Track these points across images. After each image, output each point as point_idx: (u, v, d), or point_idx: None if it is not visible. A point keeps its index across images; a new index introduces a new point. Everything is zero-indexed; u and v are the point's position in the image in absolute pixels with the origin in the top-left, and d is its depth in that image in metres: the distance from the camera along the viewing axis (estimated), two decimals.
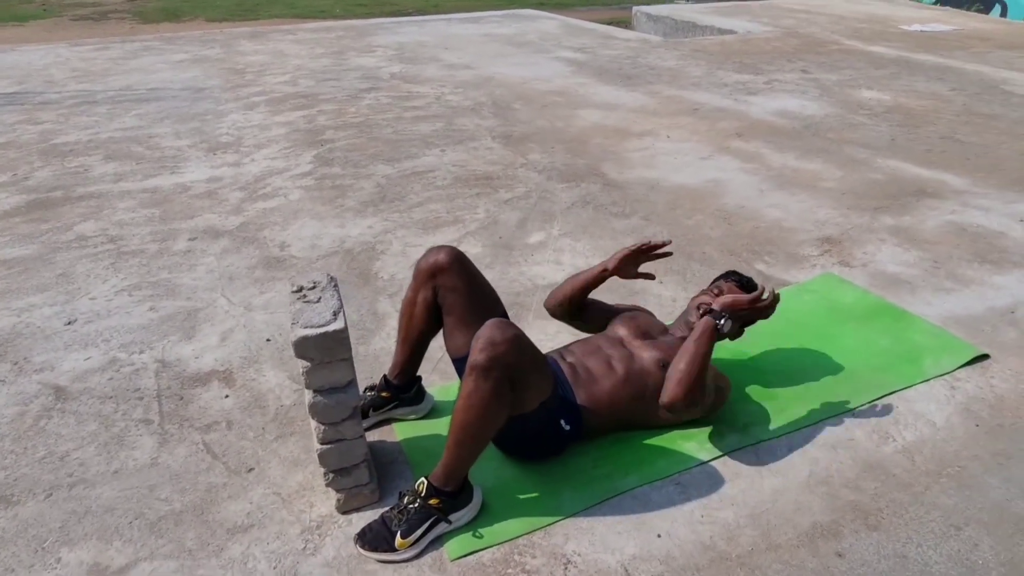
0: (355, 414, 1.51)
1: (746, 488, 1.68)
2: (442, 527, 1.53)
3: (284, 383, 2.08)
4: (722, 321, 1.76)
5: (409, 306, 1.80)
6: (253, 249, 2.94)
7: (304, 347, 1.37)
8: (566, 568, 1.48)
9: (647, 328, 1.95)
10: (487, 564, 1.50)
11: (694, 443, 1.80)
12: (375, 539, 1.50)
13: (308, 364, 1.40)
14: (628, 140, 4.24)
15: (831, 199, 3.33)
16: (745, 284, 2.00)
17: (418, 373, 1.90)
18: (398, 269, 2.75)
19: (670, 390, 1.68)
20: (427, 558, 1.51)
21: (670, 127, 4.47)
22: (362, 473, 1.59)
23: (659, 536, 1.55)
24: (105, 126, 4.68)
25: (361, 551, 1.50)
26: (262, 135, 4.44)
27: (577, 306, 1.99)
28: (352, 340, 2.26)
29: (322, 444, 1.51)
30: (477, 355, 1.43)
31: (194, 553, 1.53)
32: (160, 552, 1.53)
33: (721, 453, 1.77)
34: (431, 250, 1.78)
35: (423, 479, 1.53)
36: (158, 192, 3.56)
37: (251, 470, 1.76)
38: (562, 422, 1.69)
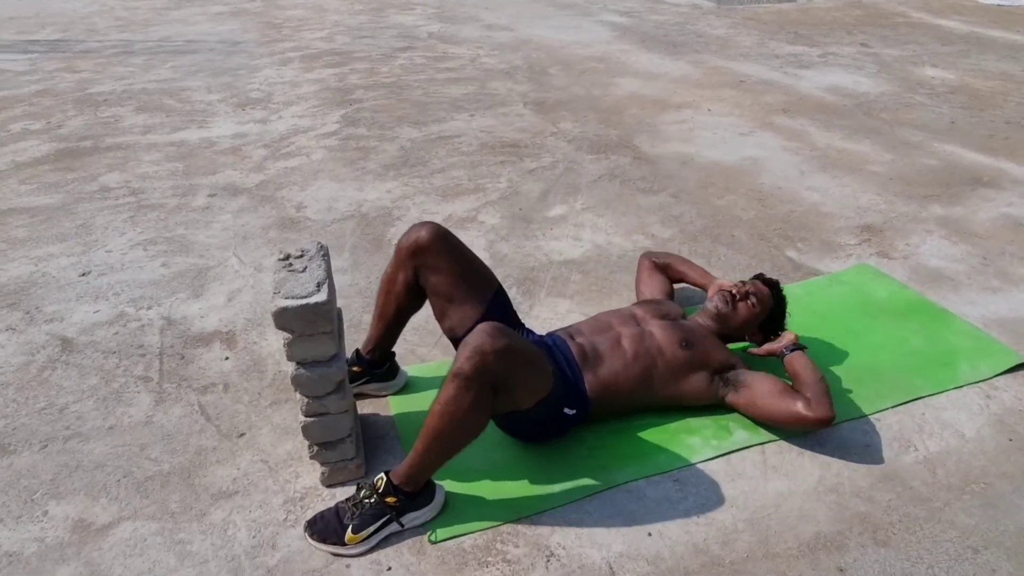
0: (340, 388, 1.47)
1: (748, 490, 1.58)
2: (393, 527, 1.45)
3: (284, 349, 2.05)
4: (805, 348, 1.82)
5: (388, 283, 1.73)
6: (270, 209, 2.91)
7: (284, 318, 1.32)
8: (548, 561, 1.43)
9: (667, 310, 1.89)
10: (467, 550, 1.45)
11: (698, 438, 1.71)
12: (325, 530, 1.43)
13: (289, 336, 1.35)
14: (666, 112, 4.05)
15: (877, 184, 3.12)
16: (773, 286, 1.98)
17: (392, 349, 1.84)
18: None
19: (825, 407, 1.63)
20: (407, 541, 1.47)
21: (712, 99, 4.25)
22: (347, 448, 1.55)
23: (650, 535, 1.48)
24: (140, 77, 4.70)
25: (309, 540, 1.44)
26: (292, 92, 4.39)
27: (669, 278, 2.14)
28: (358, 308, 2.24)
29: (306, 417, 1.47)
30: (463, 363, 1.34)
31: (176, 516, 1.52)
32: (143, 512, 1.53)
33: (726, 451, 1.68)
34: (413, 227, 1.69)
35: (383, 474, 1.46)
36: (184, 146, 3.56)
37: (242, 435, 1.74)
38: (566, 410, 1.62)
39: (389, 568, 1.41)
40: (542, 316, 2.21)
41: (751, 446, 1.70)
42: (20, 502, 1.56)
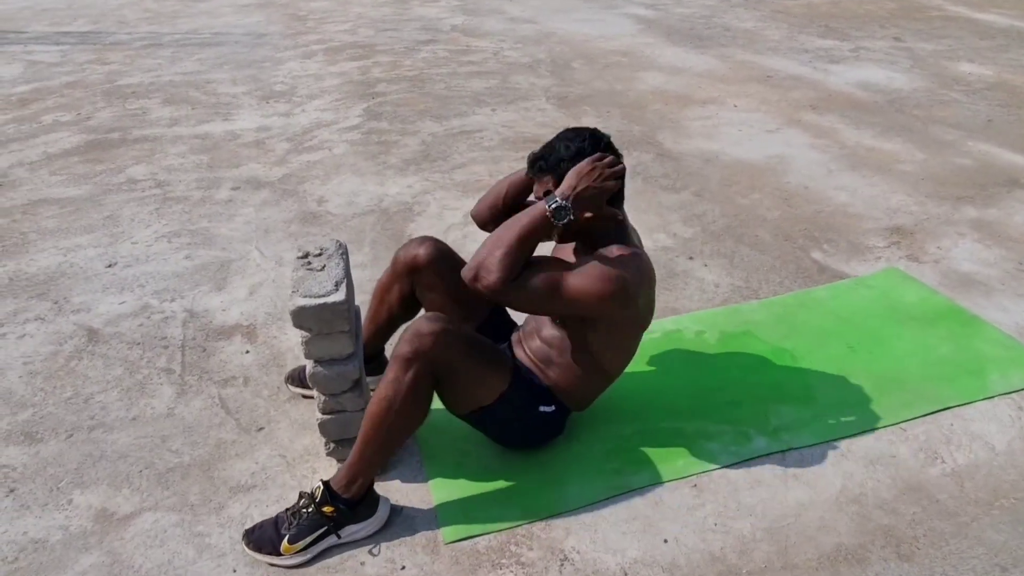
0: (356, 387, 1.47)
1: (768, 499, 1.56)
2: (331, 540, 1.42)
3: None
4: (552, 205, 1.36)
5: (382, 291, 1.71)
6: (292, 202, 2.93)
7: (301, 317, 1.33)
8: (562, 565, 1.42)
9: None
10: (482, 551, 1.45)
11: (717, 444, 1.69)
12: (260, 539, 1.41)
13: (307, 334, 1.35)
14: (690, 107, 3.99)
15: (908, 184, 3.04)
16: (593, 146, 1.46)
17: (383, 346, 1.83)
18: (432, 232, 2.68)
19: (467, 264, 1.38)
20: (420, 539, 1.47)
21: (737, 95, 4.18)
22: None
23: (665, 541, 1.47)
24: (167, 69, 4.75)
25: (245, 549, 1.42)
26: (316, 85, 4.41)
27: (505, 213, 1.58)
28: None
29: (323, 414, 1.48)
30: (401, 345, 1.35)
31: (196, 508, 1.54)
32: (164, 504, 1.56)
33: (745, 458, 1.65)
34: (411, 242, 1.67)
35: (320, 482, 1.43)
36: (208, 139, 3.59)
37: (261, 429, 1.76)
38: (542, 408, 1.57)
39: (403, 567, 1.41)
40: None
41: (771, 453, 1.67)
42: (46, 490, 1.59)
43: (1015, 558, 1.42)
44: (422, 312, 1.40)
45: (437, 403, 1.82)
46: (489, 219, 1.64)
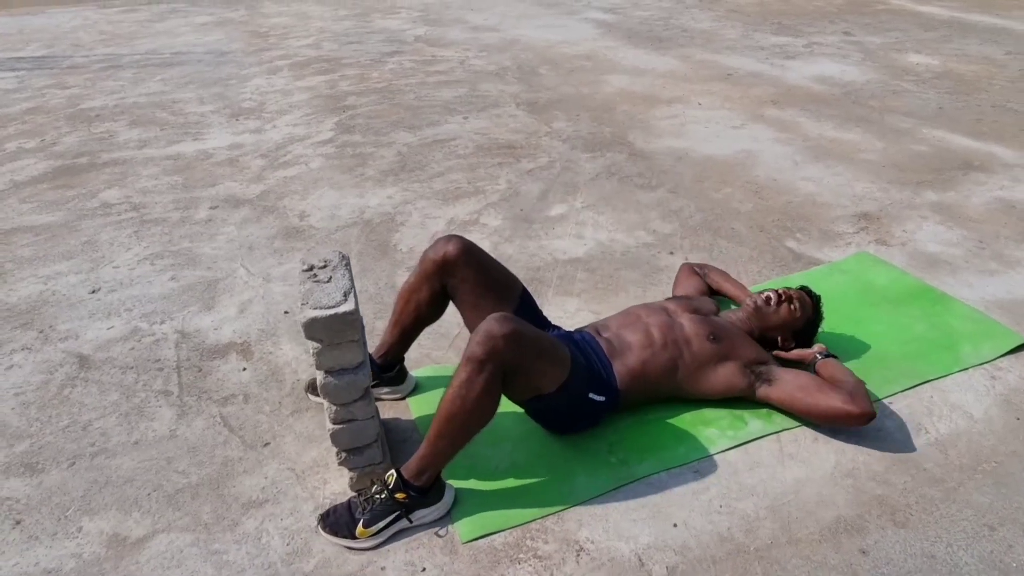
0: (367, 395, 1.49)
1: (767, 478, 1.63)
2: (402, 524, 1.49)
3: (300, 356, 2.07)
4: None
5: (411, 292, 1.76)
6: (273, 219, 2.92)
7: (313, 328, 1.34)
8: (578, 555, 1.46)
9: (698, 305, 1.94)
10: (499, 548, 1.48)
11: (714, 429, 1.75)
12: (336, 523, 1.48)
13: (318, 345, 1.37)
14: (657, 107, 4.09)
15: (870, 172, 3.18)
16: (816, 299, 1.99)
17: (404, 355, 1.88)
18: (417, 241, 2.71)
19: (866, 403, 1.67)
20: (438, 541, 1.50)
21: (701, 94, 4.30)
22: (375, 452, 1.57)
23: (675, 525, 1.52)
24: (130, 91, 4.68)
25: (320, 531, 1.49)
26: (284, 101, 4.40)
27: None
28: (369, 314, 2.26)
29: (334, 424, 1.50)
30: (474, 347, 1.41)
31: (210, 527, 1.54)
32: (177, 524, 1.55)
33: (742, 441, 1.72)
34: (439, 241, 1.73)
35: (393, 471, 1.50)
36: (181, 159, 3.56)
37: (267, 445, 1.76)
38: (591, 395, 1.66)
39: (423, 569, 1.44)
40: (551, 315, 2.22)
41: (767, 435, 1.74)
42: (53, 519, 1.57)
43: (1001, 517, 1.51)
44: (489, 315, 1.47)
45: None
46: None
